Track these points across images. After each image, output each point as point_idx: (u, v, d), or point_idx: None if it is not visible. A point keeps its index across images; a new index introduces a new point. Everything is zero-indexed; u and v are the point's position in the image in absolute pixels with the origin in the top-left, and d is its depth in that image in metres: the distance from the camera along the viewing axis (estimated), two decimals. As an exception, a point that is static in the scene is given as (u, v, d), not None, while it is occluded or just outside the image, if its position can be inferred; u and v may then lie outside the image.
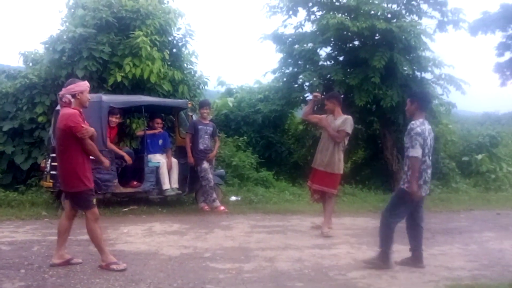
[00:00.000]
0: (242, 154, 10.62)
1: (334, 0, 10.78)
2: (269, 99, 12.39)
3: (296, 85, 11.32)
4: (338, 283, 4.33)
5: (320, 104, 6.82)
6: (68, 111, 4.39)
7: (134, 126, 9.38)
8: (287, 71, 11.43)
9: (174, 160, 7.94)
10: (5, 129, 9.04)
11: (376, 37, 10.50)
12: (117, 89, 8.78)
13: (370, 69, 9.81)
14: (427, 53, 10.62)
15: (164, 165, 7.74)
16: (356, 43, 11.00)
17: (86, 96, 4.52)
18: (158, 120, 8.17)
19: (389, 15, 10.47)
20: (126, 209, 7.58)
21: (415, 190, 4.57)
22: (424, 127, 4.64)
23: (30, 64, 9.75)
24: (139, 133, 8.41)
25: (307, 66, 10.75)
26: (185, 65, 9.99)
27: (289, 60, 11.23)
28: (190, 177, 7.89)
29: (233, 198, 8.85)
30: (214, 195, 7.72)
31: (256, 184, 10.00)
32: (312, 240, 5.94)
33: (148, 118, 8.55)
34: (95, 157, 4.58)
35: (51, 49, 8.71)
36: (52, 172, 7.00)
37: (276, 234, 6.29)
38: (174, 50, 9.83)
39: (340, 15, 10.10)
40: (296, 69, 11.18)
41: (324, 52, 11.30)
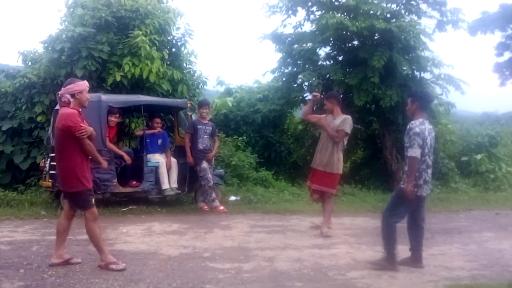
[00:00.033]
0: (241, 154, 10.61)
1: (333, 0, 10.76)
2: (268, 99, 12.37)
3: (295, 85, 11.31)
4: (338, 283, 4.33)
5: (319, 104, 6.82)
6: (67, 110, 4.38)
7: (133, 125, 9.38)
8: (286, 70, 11.42)
9: (173, 160, 7.94)
10: (4, 128, 9.04)
11: (376, 37, 10.49)
12: (116, 88, 8.78)
13: (369, 69, 9.81)
14: (426, 53, 10.62)
15: (163, 165, 7.73)
16: (355, 43, 10.99)
17: (85, 96, 4.51)
18: (158, 120, 8.17)
19: (388, 15, 10.46)
20: (125, 208, 7.58)
21: (410, 189, 4.58)
22: (424, 127, 4.64)
23: (29, 63, 9.74)
24: (138, 132, 8.40)
25: (306, 66, 10.75)
26: (184, 64, 9.97)
27: (288, 60, 11.22)
28: (190, 177, 7.89)
29: (232, 198, 8.84)
30: (214, 195, 7.72)
31: (256, 184, 10.00)
32: (311, 240, 5.94)
33: (147, 117, 8.55)
34: (93, 158, 4.57)
35: (50, 48, 8.70)
36: (51, 172, 7.00)
37: (276, 234, 6.29)
38: (173, 50, 9.82)
39: (339, 14, 10.09)
40: (295, 69, 11.17)
41: (323, 51, 11.32)
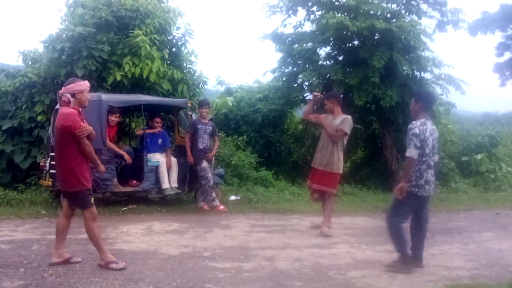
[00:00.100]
0: (241, 154, 10.61)
1: (334, 0, 10.76)
2: (268, 99, 12.37)
3: (295, 85, 11.31)
4: (338, 282, 4.34)
5: (320, 103, 6.83)
6: (67, 110, 4.38)
7: (133, 125, 9.36)
8: (286, 70, 11.42)
9: (173, 159, 7.94)
10: (4, 128, 9.04)
11: (376, 37, 10.49)
12: (116, 88, 8.78)
13: (370, 69, 9.80)
14: (426, 53, 10.61)
15: (163, 164, 7.73)
16: (356, 42, 10.99)
17: (85, 96, 4.50)
18: (158, 119, 8.17)
19: (388, 15, 10.45)
20: (126, 208, 7.58)
21: (401, 187, 4.61)
22: (425, 127, 4.63)
23: (30, 62, 9.75)
24: (139, 132, 8.39)
25: (307, 66, 10.74)
26: (185, 64, 9.98)
27: (289, 60, 11.22)
28: (190, 176, 7.89)
29: (232, 198, 8.84)
30: (214, 194, 7.72)
31: (256, 184, 9.99)
32: (311, 240, 5.94)
33: (148, 117, 8.55)
34: (91, 160, 4.53)
35: (50, 48, 8.70)
36: (51, 171, 6.99)
37: (276, 233, 6.29)
38: (174, 49, 9.82)
39: (339, 14, 10.08)
40: (295, 69, 11.17)
41: (323, 51, 11.31)
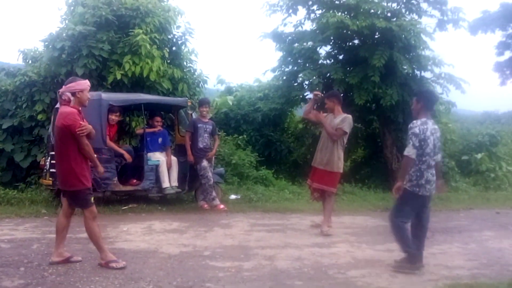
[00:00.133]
0: (241, 153, 10.61)
1: (334, -1, 10.78)
2: (268, 98, 12.37)
3: (295, 84, 11.31)
4: (338, 281, 4.34)
5: (320, 103, 6.83)
6: (67, 109, 4.37)
7: (133, 124, 9.37)
8: (286, 69, 11.42)
9: (173, 158, 7.94)
10: (4, 126, 9.04)
11: (376, 36, 10.48)
12: (116, 87, 8.78)
13: (370, 68, 9.80)
14: (427, 52, 10.62)
15: (163, 163, 7.73)
16: (356, 41, 10.99)
17: (86, 95, 4.49)
18: (158, 118, 8.17)
19: (389, 14, 10.45)
20: (126, 207, 7.57)
21: (398, 186, 4.64)
22: (426, 127, 4.61)
23: (30, 61, 9.74)
24: (139, 131, 8.39)
25: (307, 65, 10.75)
26: (185, 63, 9.98)
27: (289, 59, 11.22)
28: (190, 176, 7.89)
29: (232, 197, 8.84)
30: (214, 194, 7.72)
31: (256, 183, 10.00)
32: (311, 239, 5.94)
33: (148, 116, 8.54)
34: (90, 160, 4.51)
35: (50, 46, 8.69)
36: (51, 170, 6.98)
37: (276, 232, 6.29)
38: (174, 48, 9.81)
39: (340, 13, 10.08)
40: (295, 68, 11.17)
41: (323, 50, 11.31)
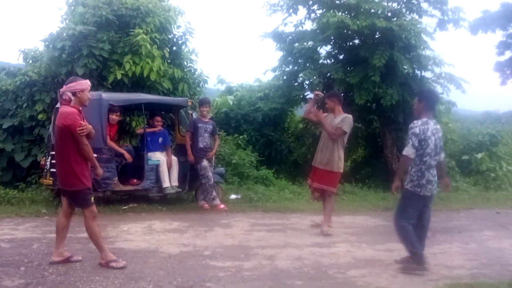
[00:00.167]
0: (242, 152, 10.61)
1: (334, -1, 10.77)
2: (269, 97, 12.38)
3: (296, 84, 11.32)
4: (338, 281, 4.34)
5: (320, 102, 6.84)
6: (67, 109, 4.37)
7: (134, 124, 9.38)
8: (287, 69, 11.43)
9: (174, 158, 7.94)
10: (5, 126, 9.04)
11: (376, 36, 10.49)
12: (117, 86, 8.78)
13: (370, 68, 9.80)
14: (427, 52, 10.62)
15: (164, 163, 7.74)
16: (356, 41, 10.99)
17: (86, 95, 4.49)
18: (158, 118, 8.17)
19: (389, 14, 10.45)
20: (126, 207, 7.57)
21: (396, 185, 4.66)
22: (427, 127, 4.60)
23: (30, 61, 9.74)
24: (139, 131, 8.39)
25: (307, 65, 10.75)
26: (185, 63, 9.98)
27: (289, 59, 11.22)
28: (190, 175, 7.89)
29: (233, 196, 8.85)
30: (214, 193, 7.72)
31: (256, 183, 10.00)
32: (311, 239, 5.94)
33: (148, 116, 8.55)
34: (89, 160, 4.50)
35: (51, 46, 8.69)
36: (52, 170, 6.98)
37: (276, 232, 6.29)
38: (174, 48, 9.81)
39: (340, 13, 10.09)
40: (296, 68, 11.17)
41: (324, 50, 11.32)
